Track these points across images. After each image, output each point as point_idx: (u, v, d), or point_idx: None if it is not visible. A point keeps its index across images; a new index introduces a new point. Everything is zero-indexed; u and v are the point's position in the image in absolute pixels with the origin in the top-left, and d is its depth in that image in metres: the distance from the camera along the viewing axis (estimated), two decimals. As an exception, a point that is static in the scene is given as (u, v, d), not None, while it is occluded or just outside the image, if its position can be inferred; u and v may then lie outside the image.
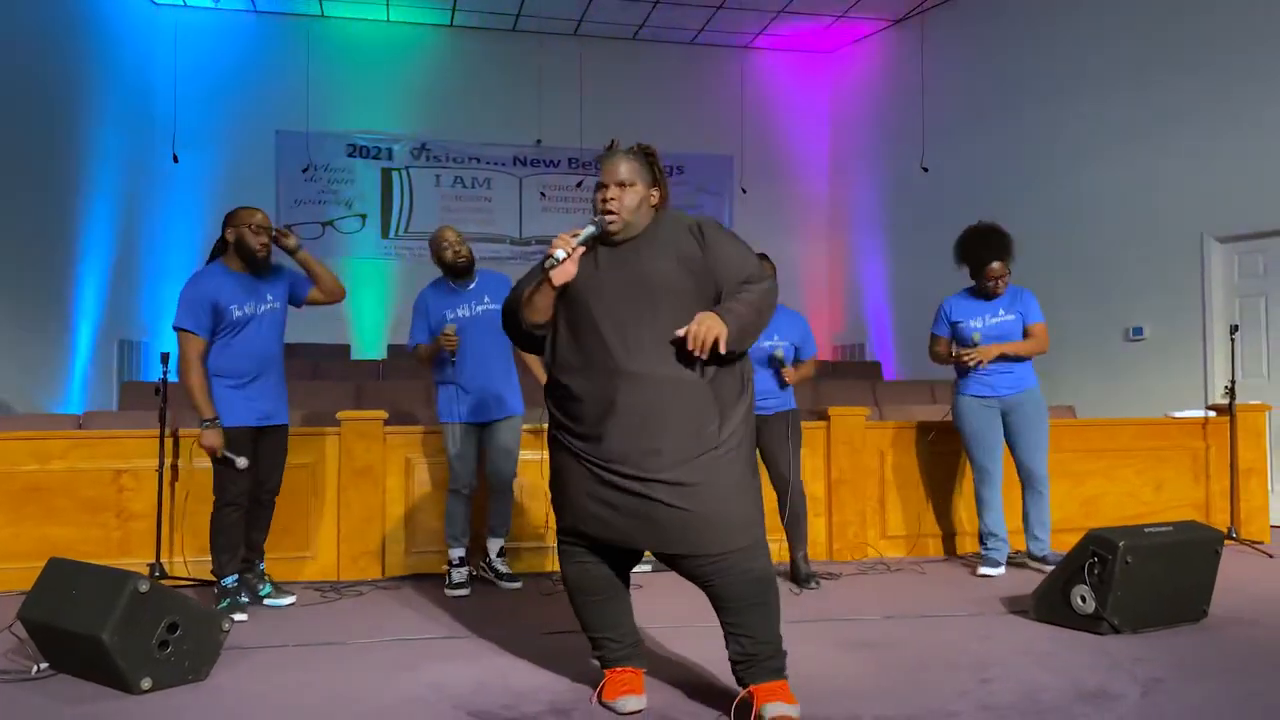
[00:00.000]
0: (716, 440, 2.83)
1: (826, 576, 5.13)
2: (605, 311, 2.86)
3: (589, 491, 2.87)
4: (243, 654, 3.63)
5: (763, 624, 2.85)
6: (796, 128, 11.62)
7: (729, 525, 2.80)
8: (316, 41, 10.38)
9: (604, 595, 3.03)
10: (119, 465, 4.99)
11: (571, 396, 2.90)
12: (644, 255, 2.89)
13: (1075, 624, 3.93)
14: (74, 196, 8.64)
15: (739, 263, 2.94)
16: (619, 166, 2.91)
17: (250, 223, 4.34)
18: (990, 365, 5.19)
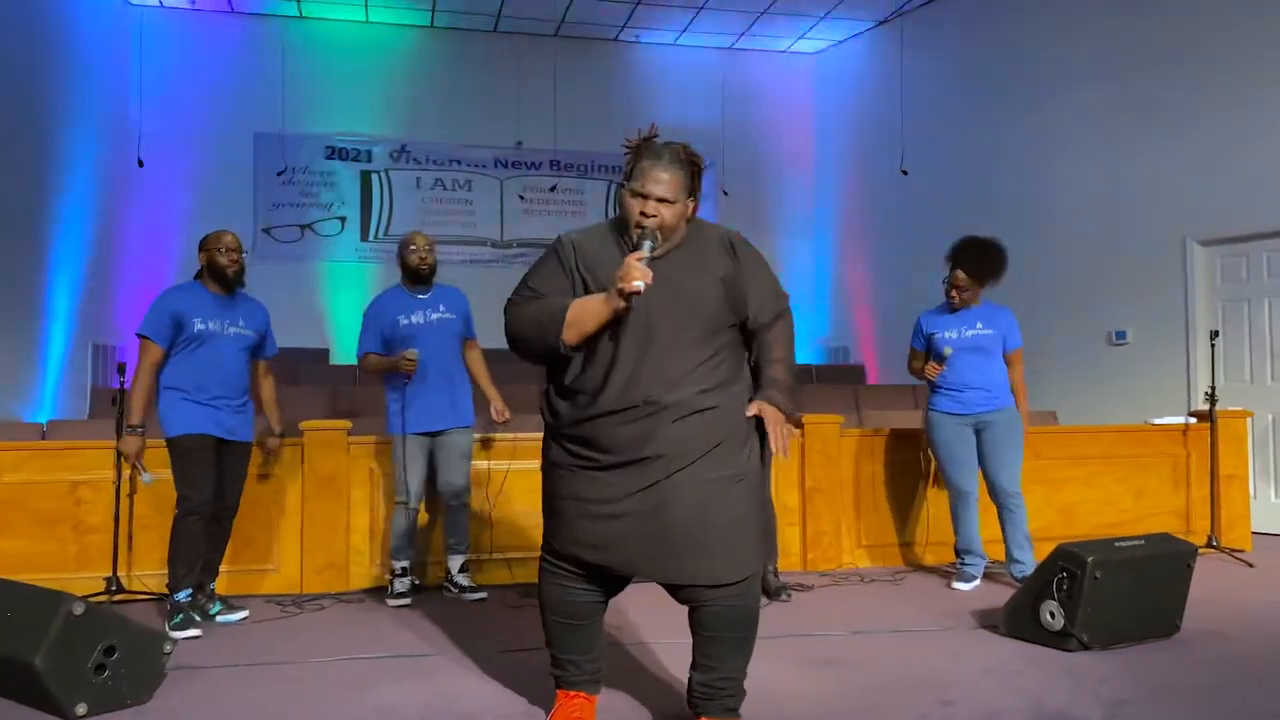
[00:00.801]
0: (745, 468, 2.73)
1: (798, 588, 5.05)
2: (648, 335, 2.66)
3: (598, 521, 2.68)
4: (191, 675, 3.53)
5: (734, 659, 2.78)
6: (779, 129, 11.53)
7: (736, 555, 2.69)
8: (294, 42, 10.27)
9: (581, 621, 2.88)
10: (76, 477, 4.89)
11: (600, 423, 2.68)
12: (687, 275, 2.71)
13: (1044, 640, 3.85)
14: (46, 199, 8.53)
15: (771, 291, 2.82)
16: (663, 179, 2.63)
17: (220, 245, 4.41)
18: (964, 380, 5.05)
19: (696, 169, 2.77)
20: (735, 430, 2.73)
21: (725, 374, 2.75)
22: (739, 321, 2.79)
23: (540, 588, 2.90)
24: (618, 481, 2.67)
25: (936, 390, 5.17)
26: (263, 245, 10.17)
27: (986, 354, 5.06)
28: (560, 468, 2.79)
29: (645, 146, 2.72)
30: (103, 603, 4.53)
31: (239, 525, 4.97)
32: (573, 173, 10.91)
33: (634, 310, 2.63)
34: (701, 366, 2.70)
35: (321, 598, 4.93)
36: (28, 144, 8.23)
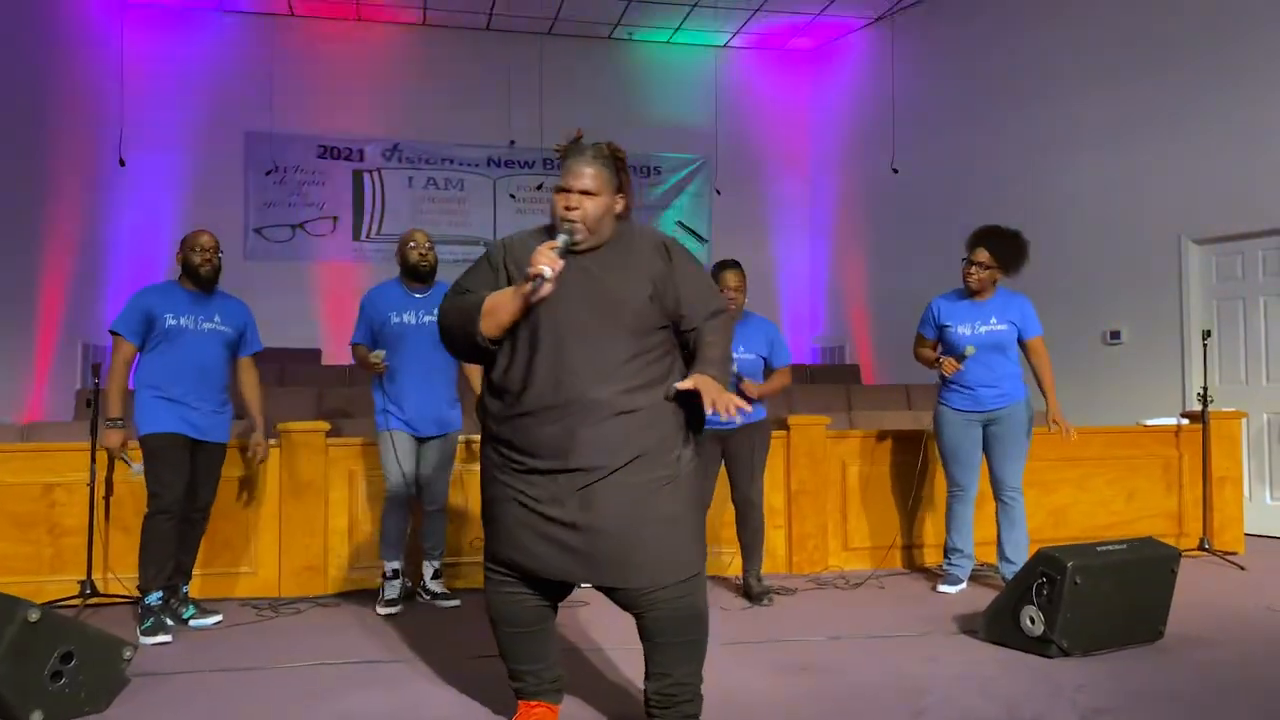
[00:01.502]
0: (676, 468, 2.70)
1: (781, 592, 4.99)
2: (569, 330, 2.64)
3: (531, 525, 2.67)
4: (156, 681, 3.49)
5: (685, 664, 2.73)
6: (774, 127, 11.46)
7: (672, 557, 2.66)
8: (285, 40, 10.23)
9: (530, 628, 2.85)
10: (50, 479, 4.85)
11: (525, 422, 2.67)
12: (612, 272, 2.70)
13: (1024, 646, 3.79)
14: (35, 198, 8.49)
15: (706, 294, 2.81)
16: (585, 173, 2.66)
17: (194, 244, 4.41)
18: (975, 377, 4.93)
19: (621, 163, 2.77)
20: (664, 432, 2.70)
21: (653, 375, 2.72)
22: (671, 324, 2.77)
23: (486, 598, 2.86)
24: (548, 486, 2.65)
25: (948, 385, 5.05)
26: (254, 245, 10.14)
27: (1000, 350, 4.93)
28: (494, 471, 2.77)
29: (570, 148, 2.75)
30: (77, 606, 4.51)
31: (216, 527, 4.94)
32: (564, 172, 10.83)
33: (555, 304, 2.62)
34: (627, 365, 2.67)
35: (298, 601, 4.88)
36: (17, 143, 8.19)
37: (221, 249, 4.49)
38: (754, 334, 4.84)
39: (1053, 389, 4.96)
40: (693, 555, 2.71)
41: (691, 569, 2.69)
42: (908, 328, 5.43)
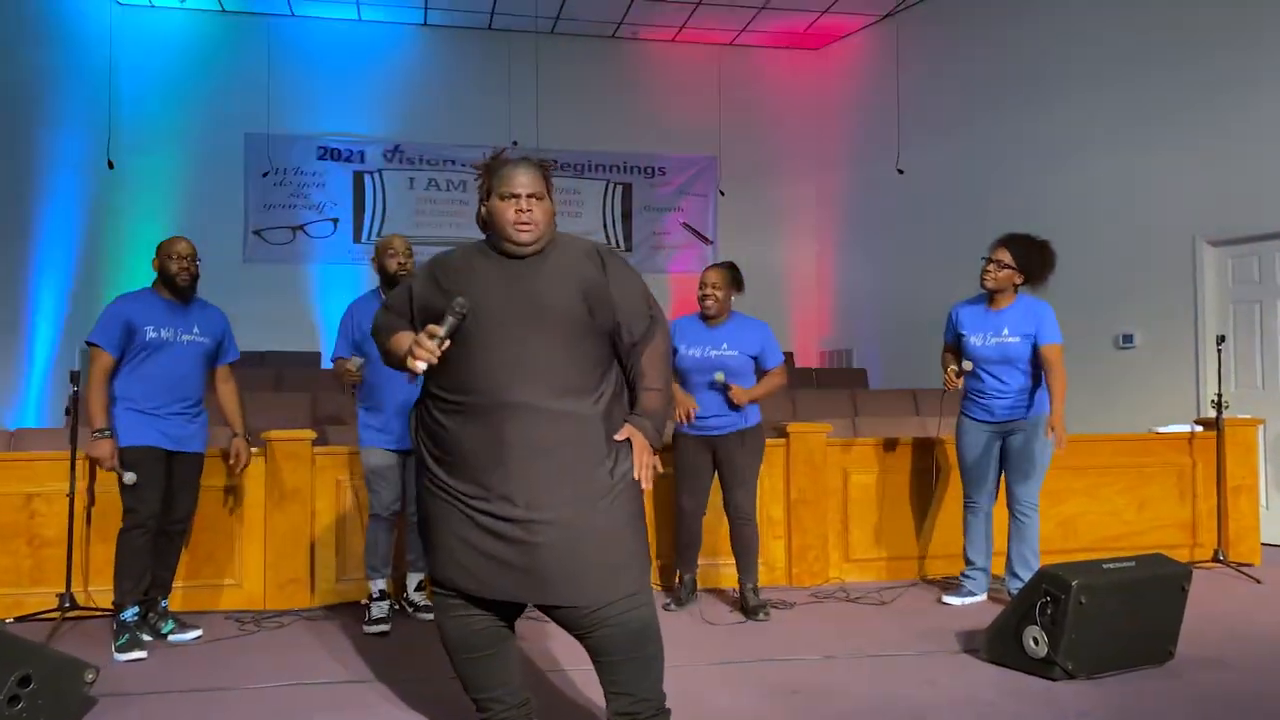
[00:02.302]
0: (609, 480, 2.59)
1: (780, 605, 4.84)
2: (495, 334, 2.58)
3: (465, 539, 2.58)
4: (123, 702, 3.37)
5: (642, 680, 2.61)
6: (780, 127, 11.29)
7: (613, 573, 2.56)
8: (285, 42, 10.14)
9: (486, 651, 2.74)
10: (30, 489, 4.75)
11: (451, 430, 2.60)
12: (542, 278, 2.63)
13: (1027, 667, 3.63)
14: (32, 201, 8.43)
15: (641, 300, 2.73)
16: (531, 177, 2.64)
17: (170, 252, 4.29)
18: (987, 388, 4.77)
19: (548, 173, 2.73)
20: (593, 438, 2.60)
21: (584, 383, 2.63)
22: (607, 332, 2.68)
23: (437, 623, 2.76)
24: (478, 501, 2.57)
25: (967, 394, 4.90)
26: (253, 247, 10.05)
27: (1010, 363, 4.74)
28: (431, 486, 2.68)
29: (496, 161, 2.71)
30: (55, 619, 4.40)
31: (199, 539, 4.84)
32: (569, 172, 10.73)
33: (484, 309, 2.59)
34: (555, 371, 2.59)
35: (283, 614, 4.76)
36: (13, 146, 8.13)
37: (200, 256, 4.37)
38: (742, 334, 4.70)
39: (1060, 399, 4.78)
40: (635, 570, 2.60)
41: (634, 585, 2.59)
42: (917, 331, 5.30)
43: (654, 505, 5.33)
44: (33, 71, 8.46)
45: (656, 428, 2.70)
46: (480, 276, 2.63)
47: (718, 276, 4.72)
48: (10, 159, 8.10)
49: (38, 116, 8.54)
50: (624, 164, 10.88)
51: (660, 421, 2.71)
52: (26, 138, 8.37)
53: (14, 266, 8.18)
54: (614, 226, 10.85)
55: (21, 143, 8.30)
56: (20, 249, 8.24)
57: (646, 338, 2.71)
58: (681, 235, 11.03)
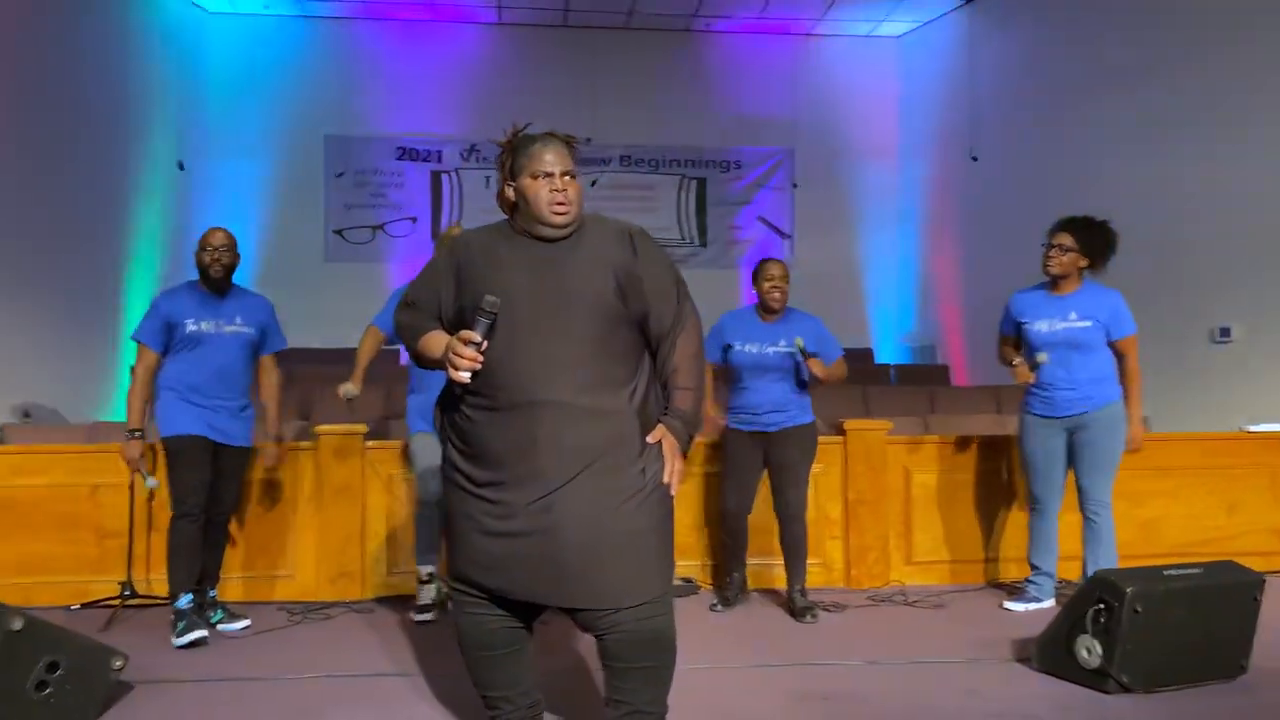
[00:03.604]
0: (640, 480, 2.48)
1: (832, 608, 4.68)
2: (524, 327, 2.46)
3: (486, 537, 2.50)
4: (155, 691, 3.44)
5: (646, 690, 2.51)
6: (860, 117, 11.01)
7: (633, 577, 2.45)
8: (364, 43, 10.35)
9: (500, 650, 2.67)
10: (97, 480, 4.90)
11: (479, 425, 2.51)
12: (573, 264, 2.51)
13: (1080, 679, 3.41)
14: (124, 203, 8.79)
15: (671, 285, 2.59)
16: (558, 152, 2.50)
17: (204, 243, 4.31)
18: (1051, 378, 4.52)
19: (575, 149, 2.58)
20: (627, 437, 2.48)
21: (617, 375, 2.51)
22: (638, 319, 2.54)
23: (454, 620, 2.68)
24: (503, 496, 2.47)
25: (1029, 388, 4.64)
26: (335, 247, 10.28)
27: (1080, 349, 4.46)
28: (454, 477, 2.60)
29: (521, 137, 2.57)
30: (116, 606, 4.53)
31: (254, 530, 4.94)
32: (643, 167, 10.67)
33: (511, 298, 2.45)
34: (587, 364, 2.47)
35: (332, 606, 4.81)
36: (106, 151, 8.48)
37: (229, 246, 4.32)
38: (800, 329, 4.56)
39: (1138, 398, 4.49)
40: (656, 575, 2.49)
41: (654, 590, 2.47)
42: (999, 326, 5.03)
43: (702, 503, 5.23)
44: (121, 79, 8.81)
45: (688, 430, 2.57)
46: (506, 263, 2.51)
47: (782, 269, 4.59)
48: (105, 163, 8.45)
49: (127, 121, 8.90)
50: (698, 158, 10.77)
51: (692, 424, 2.58)
52: (119, 141, 8.72)
53: (108, 266, 8.54)
54: (688, 222, 10.75)
55: (115, 147, 8.66)
56: (114, 249, 8.60)
57: (677, 328, 2.57)
58: (757, 229, 10.86)
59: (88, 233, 8.26)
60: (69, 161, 7.99)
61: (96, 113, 8.37)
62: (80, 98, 8.14)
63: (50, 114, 7.81)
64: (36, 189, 7.63)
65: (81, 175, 8.18)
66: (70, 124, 8.02)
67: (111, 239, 8.58)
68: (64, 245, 7.88)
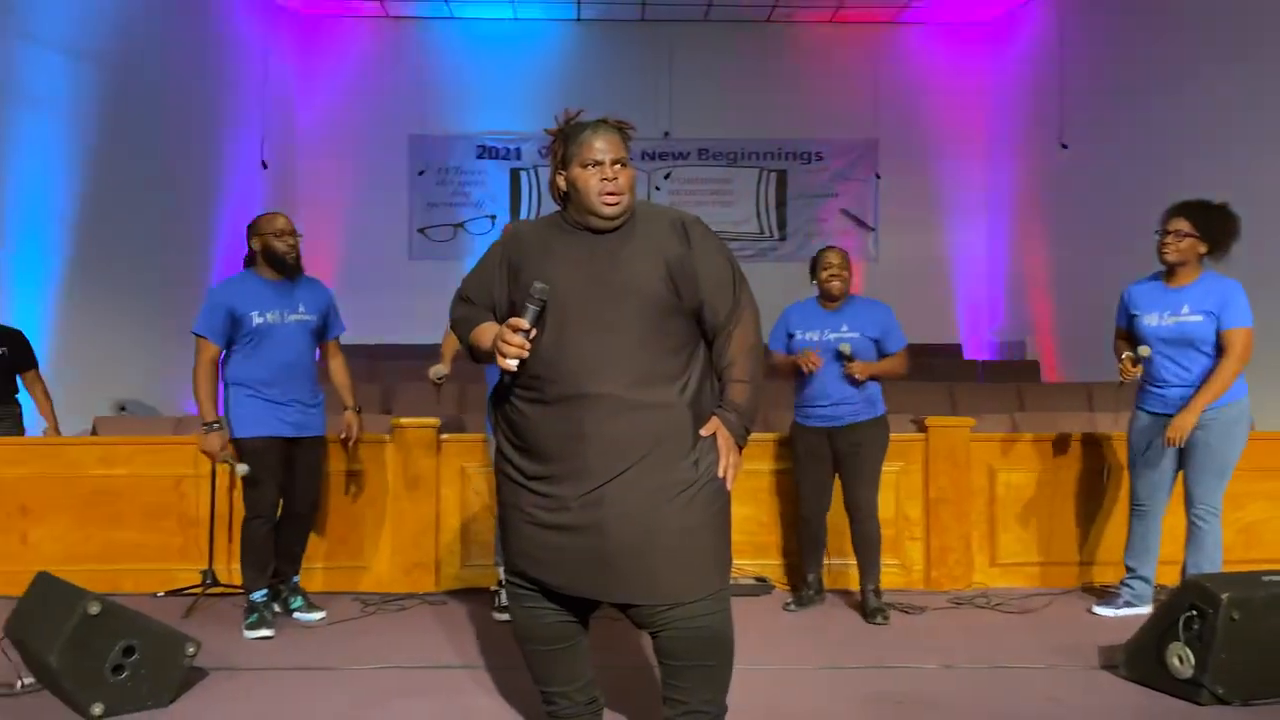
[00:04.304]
0: (693, 474, 2.42)
1: (908, 610, 4.53)
2: (575, 319, 2.42)
3: (538, 531, 2.48)
4: (228, 677, 3.50)
5: (702, 690, 2.45)
6: (945, 106, 10.73)
7: (687, 573, 2.40)
8: (445, 43, 10.49)
9: (556, 645, 2.63)
10: (180, 471, 5.03)
11: (530, 418, 2.48)
12: (625, 255, 2.46)
13: (1171, 688, 3.23)
14: (211, 203, 9.05)
15: (727, 275, 2.51)
16: (609, 140, 2.45)
17: (273, 229, 4.23)
18: (1165, 374, 4.28)
19: (628, 136, 2.51)
20: (678, 430, 2.41)
21: (669, 368, 2.45)
22: (692, 311, 2.47)
23: (510, 613, 2.65)
24: (553, 490, 2.44)
25: (1142, 383, 4.40)
26: (418, 245, 10.44)
27: (1192, 345, 4.20)
28: (505, 469, 2.58)
29: (571, 125, 2.51)
30: (198, 594, 4.65)
31: (334, 521, 5.01)
32: (721, 161, 10.58)
33: (559, 289, 2.41)
34: (637, 356, 2.41)
35: (406, 598, 4.85)
36: (194, 152, 8.75)
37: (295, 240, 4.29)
38: (864, 316, 4.43)
39: (1210, 394, 4.14)
40: (710, 572, 2.42)
41: (709, 587, 2.41)
42: (1094, 319, 4.84)
43: (778, 502, 5.13)
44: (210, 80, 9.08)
45: (744, 424, 2.50)
46: (557, 255, 2.48)
47: (840, 257, 4.48)
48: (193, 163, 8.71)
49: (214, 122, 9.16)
50: (779, 150, 10.63)
51: (748, 417, 2.51)
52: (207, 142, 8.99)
53: (197, 265, 8.80)
54: (768, 215, 10.62)
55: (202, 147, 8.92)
56: (202, 248, 8.85)
57: (733, 320, 2.50)
58: (839, 222, 10.66)
59: (177, 232, 8.52)
60: (160, 162, 8.25)
61: (185, 114, 8.63)
62: (170, 99, 8.39)
63: (142, 116, 8.07)
64: (131, 190, 7.90)
65: (171, 176, 8.44)
66: (160, 126, 8.28)
67: (199, 238, 8.84)
68: (156, 245, 8.14)
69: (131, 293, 7.91)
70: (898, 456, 4.95)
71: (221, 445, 4.16)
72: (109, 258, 7.70)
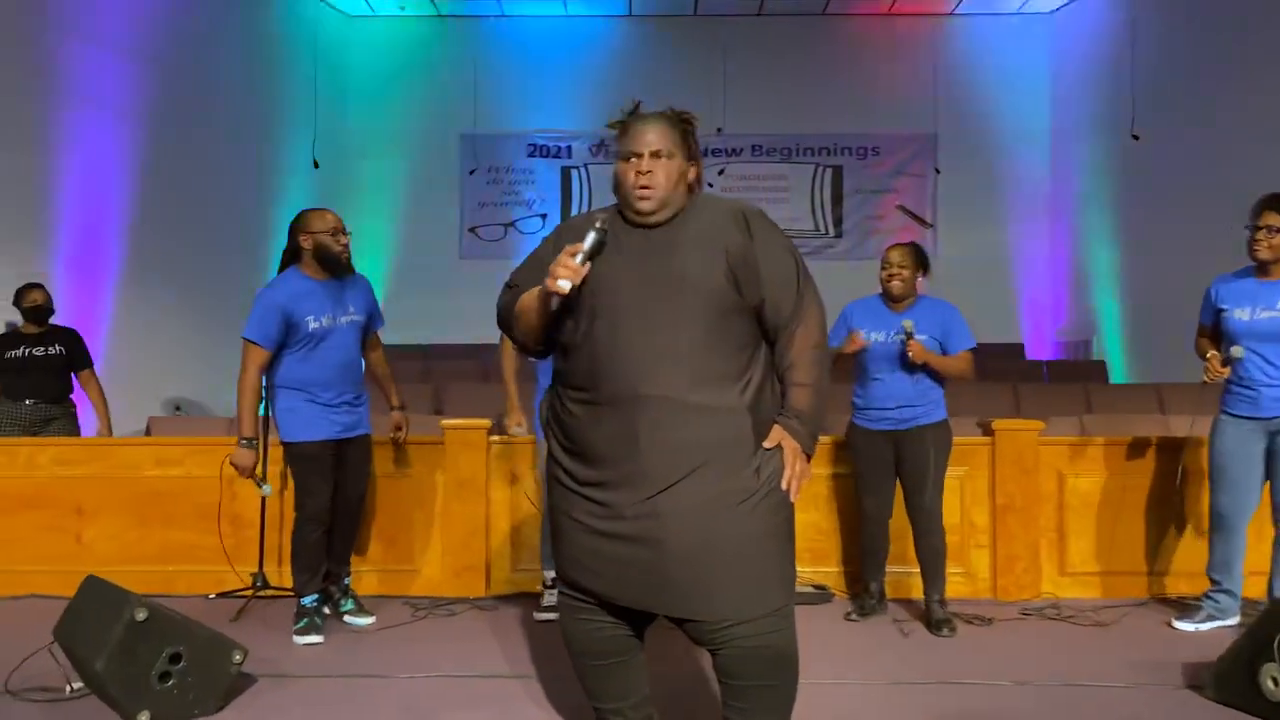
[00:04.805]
0: (754, 483, 2.30)
1: (975, 621, 4.35)
2: (627, 314, 2.31)
3: (591, 539, 2.37)
4: (279, 684, 3.44)
5: (766, 709, 2.32)
6: (1007, 98, 10.45)
7: (748, 588, 2.27)
8: (496, 41, 10.45)
9: (609, 660, 2.52)
10: (231, 472, 4.96)
11: (582, 421, 2.37)
12: (681, 249, 2.34)
13: (1264, 713, 3.04)
14: (263, 203, 9.09)
15: (789, 275, 2.38)
16: (650, 132, 2.35)
17: (326, 227, 4.10)
18: (1255, 375, 4.05)
19: (689, 128, 2.41)
20: (739, 436, 2.28)
21: (728, 369, 2.32)
22: (753, 308, 2.34)
23: (561, 626, 2.53)
24: (606, 497, 2.32)
25: (1228, 385, 4.17)
26: (469, 245, 10.40)
27: None
28: (557, 473, 2.47)
29: (630, 116, 2.42)
30: (248, 597, 4.61)
31: (383, 523, 4.95)
32: (775, 157, 10.40)
33: (613, 284, 2.31)
34: (694, 356, 2.28)
35: (455, 603, 4.77)
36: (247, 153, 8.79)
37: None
38: (929, 316, 4.25)
39: None
40: (773, 587, 2.29)
41: (772, 603, 2.28)
42: (1165, 318, 4.61)
43: (837, 507, 4.97)
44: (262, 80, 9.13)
45: (810, 431, 2.37)
46: (610, 249, 2.36)
47: (902, 255, 4.30)
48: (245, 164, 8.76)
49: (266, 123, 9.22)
50: (834, 145, 10.43)
51: (814, 423, 2.38)
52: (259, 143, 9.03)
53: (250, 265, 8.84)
54: (823, 211, 10.43)
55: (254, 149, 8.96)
56: (255, 249, 8.89)
57: (796, 318, 2.37)
58: (897, 219, 10.43)
59: (231, 233, 8.58)
60: (212, 163, 8.30)
61: (237, 115, 8.68)
62: (223, 101, 8.45)
63: (195, 117, 8.13)
64: (185, 191, 7.96)
65: (224, 177, 8.49)
66: (213, 127, 8.33)
67: (253, 239, 8.89)
68: (210, 245, 8.20)
69: (187, 293, 7.97)
70: (962, 461, 4.77)
71: (253, 463, 4.09)
72: (164, 259, 7.76)
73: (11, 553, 4.94)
